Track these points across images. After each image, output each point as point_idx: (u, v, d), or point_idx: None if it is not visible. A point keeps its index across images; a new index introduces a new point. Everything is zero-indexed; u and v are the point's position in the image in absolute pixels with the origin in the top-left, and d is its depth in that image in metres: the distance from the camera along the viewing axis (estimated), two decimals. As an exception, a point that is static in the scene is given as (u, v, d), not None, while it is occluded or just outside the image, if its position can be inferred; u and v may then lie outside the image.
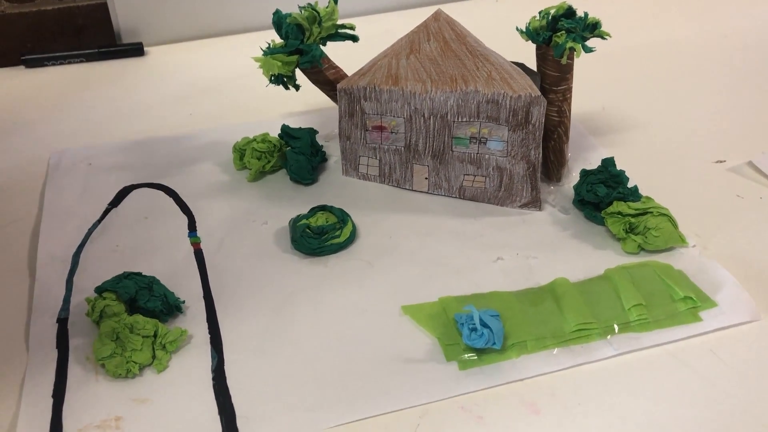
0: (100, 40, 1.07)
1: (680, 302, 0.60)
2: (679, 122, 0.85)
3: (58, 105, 0.94)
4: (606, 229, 0.68)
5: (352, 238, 0.68)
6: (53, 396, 0.54)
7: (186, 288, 0.63)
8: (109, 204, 0.74)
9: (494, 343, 0.55)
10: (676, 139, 0.82)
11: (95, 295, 0.60)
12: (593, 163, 0.75)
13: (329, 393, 0.54)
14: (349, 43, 0.75)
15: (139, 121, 0.89)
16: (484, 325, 0.55)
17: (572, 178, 0.74)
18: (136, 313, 0.58)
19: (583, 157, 0.78)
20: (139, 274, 0.62)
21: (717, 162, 0.78)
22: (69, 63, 1.04)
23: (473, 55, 0.69)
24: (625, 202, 0.67)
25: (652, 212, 0.66)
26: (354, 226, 0.69)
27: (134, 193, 0.76)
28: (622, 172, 0.69)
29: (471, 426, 0.51)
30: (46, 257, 0.67)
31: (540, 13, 0.70)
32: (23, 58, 1.03)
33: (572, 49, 0.67)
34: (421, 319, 0.59)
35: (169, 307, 0.60)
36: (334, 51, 0.77)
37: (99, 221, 0.72)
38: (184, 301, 0.61)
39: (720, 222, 0.69)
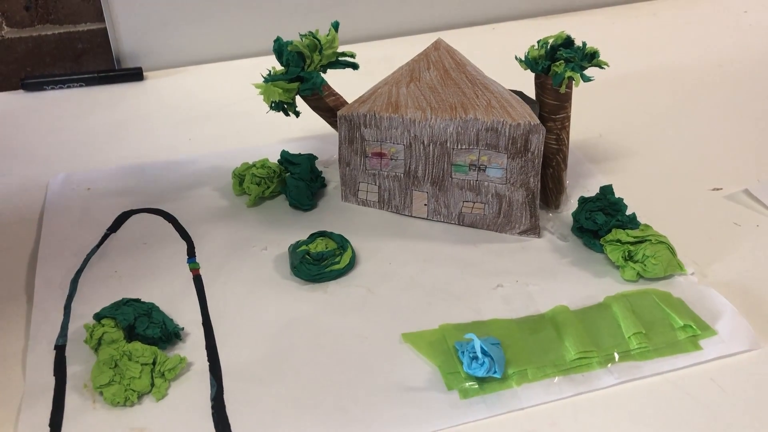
0: (100, 65, 1.08)
1: (680, 330, 0.60)
2: (676, 150, 0.86)
3: (57, 129, 0.94)
4: (605, 256, 0.68)
5: (351, 265, 0.68)
6: (50, 425, 0.53)
7: (185, 314, 0.63)
8: (107, 229, 0.74)
9: (495, 372, 0.55)
10: (673, 167, 0.83)
11: (94, 321, 0.60)
12: (591, 191, 0.75)
13: (329, 421, 0.53)
14: (349, 70, 0.76)
15: (139, 146, 0.90)
16: (485, 353, 0.55)
17: (571, 205, 0.75)
18: (135, 340, 0.58)
19: (581, 185, 0.79)
20: (138, 300, 0.61)
21: (714, 190, 0.78)
22: (68, 87, 1.04)
23: (473, 84, 0.70)
24: (623, 229, 0.67)
25: (650, 240, 0.66)
26: (353, 252, 0.69)
27: (133, 218, 0.76)
28: (620, 200, 0.70)
29: (472, 456, 0.51)
30: (44, 283, 0.67)
31: (539, 42, 0.71)
32: (23, 82, 1.03)
33: (571, 78, 0.68)
34: (421, 346, 0.59)
35: (168, 335, 0.59)
36: (334, 78, 0.77)
37: (97, 246, 0.71)
38: (183, 328, 0.61)
39: (718, 250, 0.69)
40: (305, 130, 0.89)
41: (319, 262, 0.66)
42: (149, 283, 0.66)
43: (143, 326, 0.59)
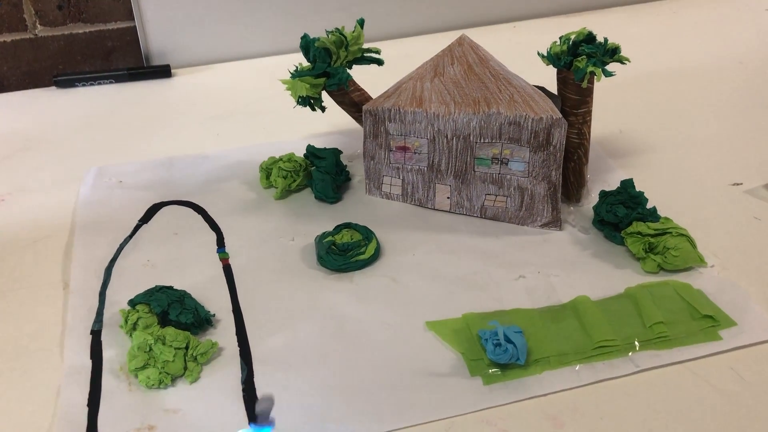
0: (129, 62, 1.11)
1: (700, 321, 0.61)
2: (696, 146, 0.87)
3: (89, 124, 0.97)
4: (625, 248, 0.69)
5: (376, 255, 0.69)
6: (88, 404, 0.55)
7: (215, 302, 0.65)
8: (139, 220, 0.76)
9: (518, 359, 0.56)
10: (693, 162, 0.83)
11: (128, 307, 0.62)
12: (612, 185, 0.76)
13: (356, 405, 0.55)
14: (374, 66, 0.78)
15: (168, 141, 0.92)
16: (508, 340, 0.56)
17: (591, 199, 0.76)
18: (168, 326, 0.60)
19: (601, 179, 0.80)
20: (170, 287, 0.63)
21: (734, 184, 0.79)
22: (99, 84, 1.07)
23: (496, 78, 0.72)
24: (644, 222, 0.68)
25: (671, 232, 0.67)
26: (378, 243, 0.70)
27: (164, 209, 0.78)
28: (641, 194, 0.70)
29: (495, 439, 0.52)
30: (80, 271, 0.69)
31: (561, 38, 0.72)
32: (55, 78, 1.06)
33: (593, 74, 0.69)
34: (445, 334, 0.61)
35: (199, 320, 0.61)
36: (359, 74, 0.79)
37: (130, 237, 0.74)
38: (214, 315, 0.63)
39: (738, 243, 0.70)
40: (330, 126, 0.91)
41: (344, 253, 0.68)
42: (181, 272, 0.69)
43: (176, 312, 0.61)
